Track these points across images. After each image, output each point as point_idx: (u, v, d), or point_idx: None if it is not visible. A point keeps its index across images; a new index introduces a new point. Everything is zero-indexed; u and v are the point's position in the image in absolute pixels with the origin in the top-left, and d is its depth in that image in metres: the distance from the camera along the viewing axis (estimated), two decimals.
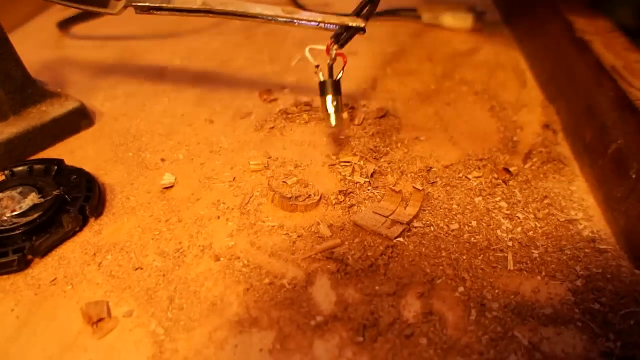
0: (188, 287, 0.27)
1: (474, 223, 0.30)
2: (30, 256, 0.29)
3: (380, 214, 0.31)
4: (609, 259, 0.28)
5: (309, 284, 0.27)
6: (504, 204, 0.32)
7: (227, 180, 0.35)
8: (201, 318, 0.25)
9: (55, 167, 0.34)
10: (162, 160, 0.38)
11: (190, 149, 0.39)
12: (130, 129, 0.42)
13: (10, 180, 0.33)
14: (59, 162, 0.35)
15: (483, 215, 0.31)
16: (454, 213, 0.31)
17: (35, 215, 0.30)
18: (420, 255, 0.28)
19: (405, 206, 0.32)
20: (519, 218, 0.31)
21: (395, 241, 0.29)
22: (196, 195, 0.34)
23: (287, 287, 0.27)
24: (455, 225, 0.30)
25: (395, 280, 0.27)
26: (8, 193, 0.31)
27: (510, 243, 0.29)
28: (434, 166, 0.35)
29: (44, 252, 0.29)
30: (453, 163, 0.36)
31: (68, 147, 0.40)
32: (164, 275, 0.28)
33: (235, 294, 0.27)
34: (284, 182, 0.34)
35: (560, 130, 0.39)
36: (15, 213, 0.30)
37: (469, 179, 0.34)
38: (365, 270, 0.27)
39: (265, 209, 0.32)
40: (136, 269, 0.28)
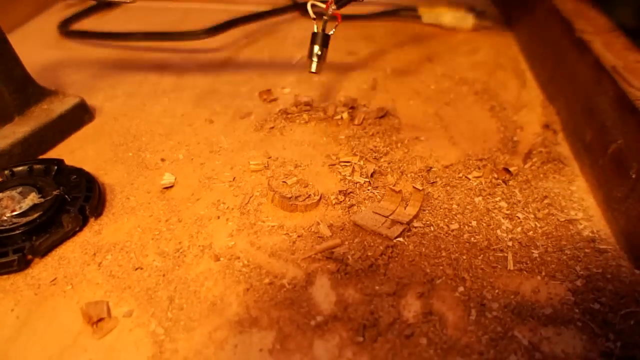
0: (188, 287, 0.27)
1: (474, 223, 0.30)
2: (30, 256, 0.29)
3: (380, 214, 0.31)
4: (609, 259, 0.28)
5: (309, 284, 0.27)
6: (504, 204, 0.32)
7: (227, 180, 0.35)
8: (201, 318, 0.25)
9: (55, 167, 0.34)
10: (162, 160, 0.38)
11: (190, 149, 0.39)
12: (130, 129, 0.42)
13: (10, 180, 0.33)
14: (59, 162, 0.35)
15: (483, 215, 0.31)
16: (454, 213, 0.31)
17: (35, 215, 0.30)
18: (420, 255, 0.28)
19: (405, 206, 0.32)
20: (519, 218, 0.31)
21: (395, 241, 0.29)
22: (196, 195, 0.34)
23: (287, 287, 0.27)
24: (455, 225, 0.30)
25: (395, 280, 0.27)
26: (8, 193, 0.31)
27: (510, 243, 0.29)
28: (434, 166, 0.35)
29: (44, 252, 0.29)
30: (453, 163, 0.36)
31: (68, 147, 0.40)
32: (164, 275, 0.28)
33: (235, 294, 0.27)
34: (284, 182, 0.34)
35: (560, 130, 0.39)
36: (15, 213, 0.30)
37: (469, 179, 0.34)
38: (365, 270, 0.27)
39: (265, 209, 0.32)
40: (136, 269, 0.28)
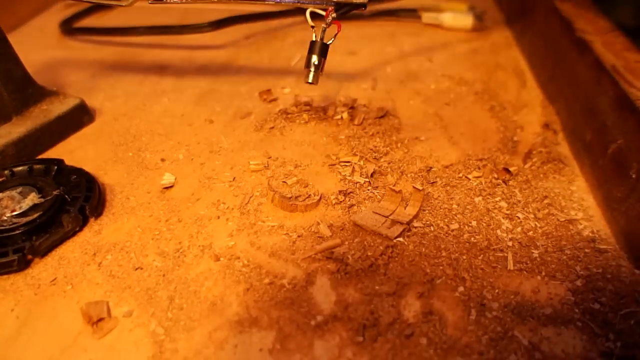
0: (188, 287, 0.27)
1: (474, 223, 0.30)
2: (30, 256, 0.29)
3: (380, 214, 0.31)
4: (609, 259, 0.28)
5: (309, 284, 0.27)
6: (504, 204, 0.32)
7: (227, 180, 0.35)
8: (201, 318, 0.25)
9: (55, 167, 0.34)
10: (162, 160, 0.38)
11: (190, 149, 0.39)
12: (130, 129, 0.42)
13: (10, 180, 0.33)
14: (59, 162, 0.35)
15: (483, 215, 0.31)
16: (454, 213, 0.31)
17: (35, 215, 0.30)
18: (420, 255, 0.28)
19: (405, 206, 0.32)
20: (519, 218, 0.31)
21: (395, 241, 0.29)
22: (196, 195, 0.34)
23: (287, 287, 0.27)
24: (455, 225, 0.30)
25: (395, 280, 0.27)
26: (8, 193, 0.31)
27: (510, 243, 0.29)
28: (434, 166, 0.35)
29: (44, 252, 0.29)
30: (453, 163, 0.36)
31: (68, 147, 0.40)
32: (164, 275, 0.28)
33: (235, 294, 0.27)
34: (284, 182, 0.34)
35: (560, 130, 0.39)
36: (15, 213, 0.30)
37: (469, 179, 0.34)
38: (365, 270, 0.27)
39: (265, 209, 0.32)
40: (136, 269, 0.28)
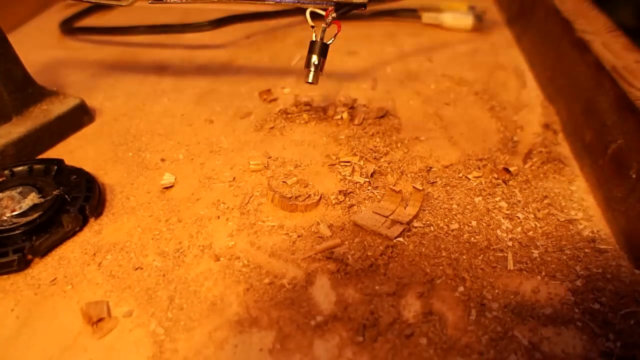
0: (188, 287, 0.27)
1: (474, 223, 0.30)
2: (30, 256, 0.29)
3: (380, 214, 0.31)
4: (609, 259, 0.28)
5: (309, 284, 0.27)
6: (504, 204, 0.32)
7: (227, 180, 0.35)
8: (201, 318, 0.25)
9: (55, 167, 0.34)
10: (162, 160, 0.38)
11: (190, 149, 0.39)
12: (130, 129, 0.42)
13: (10, 180, 0.33)
14: (59, 162, 0.35)
15: (483, 215, 0.31)
16: (454, 213, 0.31)
17: (35, 215, 0.30)
18: (420, 255, 0.28)
19: (405, 206, 0.32)
20: (519, 218, 0.31)
21: (395, 241, 0.29)
22: (196, 195, 0.34)
23: (287, 287, 0.27)
24: (455, 225, 0.30)
25: (395, 280, 0.27)
26: (8, 193, 0.31)
27: (510, 243, 0.29)
28: (434, 166, 0.35)
29: (44, 252, 0.29)
30: (453, 163, 0.36)
31: (68, 147, 0.40)
32: (164, 275, 0.28)
33: (235, 294, 0.27)
34: (284, 182, 0.34)
35: (560, 130, 0.39)
36: (15, 213, 0.30)
37: (469, 179, 0.34)
38: (365, 270, 0.27)
39: (265, 209, 0.32)
40: (136, 269, 0.28)
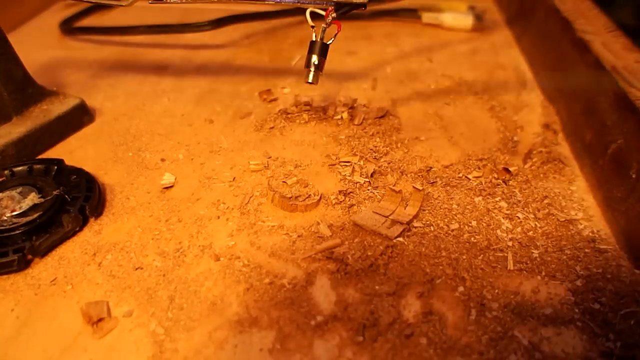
0: (188, 287, 0.27)
1: (474, 223, 0.30)
2: (30, 256, 0.29)
3: (380, 214, 0.31)
4: (609, 259, 0.28)
5: (309, 284, 0.27)
6: (504, 204, 0.32)
7: (227, 180, 0.35)
8: (201, 318, 0.25)
9: (55, 167, 0.34)
10: (162, 160, 0.38)
11: (190, 149, 0.39)
12: (130, 129, 0.42)
13: (10, 180, 0.33)
14: (59, 162, 0.35)
15: (483, 215, 0.31)
16: (454, 213, 0.31)
17: (35, 215, 0.30)
18: (420, 255, 0.28)
19: (405, 206, 0.32)
20: (519, 218, 0.31)
21: (395, 241, 0.29)
22: (196, 195, 0.34)
23: (287, 287, 0.27)
24: (455, 225, 0.30)
25: (395, 280, 0.27)
26: (8, 193, 0.31)
27: (510, 243, 0.29)
28: (434, 166, 0.35)
29: (44, 252, 0.29)
30: (453, 163, 0.36)
31: (68, 147, 0.40)
32: (164, 275, 0.28)
33: (235, 294, 0.27)
34: (284, 182, 0.34)
35: (560, 131, 0.39)
36: (15, 213, 0.30)
37: (469, 179, 0.34)
38: (365, 270, 0.27)
39: (265, 209, 0.32)
40: (136, 269, 0.28)
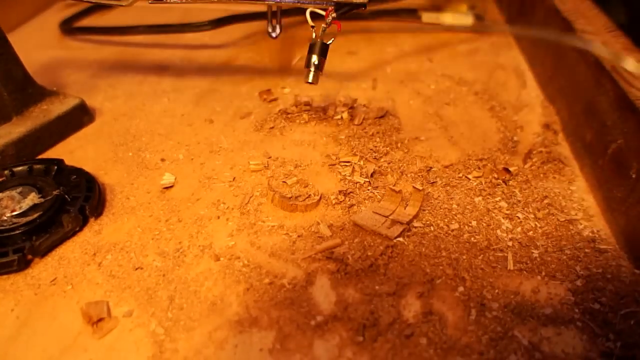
0: (188, 287, 0.27)
1: (474, 223, 0.30)
2: (30, 256, 0.29)
3: (380, 214, 0.31)
4: (609, 259, 0.28)
5: (309, 284, 0.27)
6: (504, 204, 0.32)
7: (227, 180, 0.35)
8: (201, 318, 0.25)
9: (55, 167, 0.34)
10: (162, 160, 0.38)
11: (190, 149, 0.39)
12: (130, 129, 0.42)
13: (10, 180, 0.33)
14: (59, 162, 0.35)
15: (483, 215, 0.31)
16: (454, 213, 0.31)
17: (35, 215, 0.30)
18: (420, 255, 0.28)
19: (405, 206, 0.32)
20: (519, 218, 0.31)
21: (395, 241, 0.29)
22: (196, 195, 0.34)
23: (287, 287, 0.27)
24: (455, 225, 0.30)
25: (395, 280, 0.27)
26: (8, 193, 0.31)
27: (510, 243, 0.29)
28: (434, 166, 0.35)
29: (44, 252, 0.29)
30: (453, 163, 0.36)
31: (68, 147, 0.40)
32: (164, 275, 0.28)
33: (235, 294, 0.27)
34: (284, 182, 0.34)
35: (560, 131, 0.39)
36: (15, 213, 0.30)
37: (469, 179, 0.34)
38: (365, 270, 0.27)
39: (265, 209, 0.32)
40: (136, 269, 0.28)
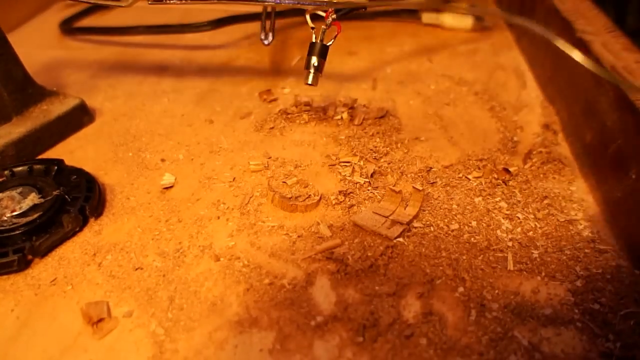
0: (188, 287, 0.27)
1: (474, 223, 0.30)
2: (30, 256, 0.29)
3: (380, 214, 0.31)
4: (609, 259, 0.28)
5: (309, 284, 0.27)
6: (504, 204, 0.32)
7: (227, 180, 0.35)
8: (201, 318, 0.25)
9: (55, 167, 0.34)
10: (162, 160, 0.38)
11: (190, 149, 0.39)
12: (130, 129, 0.42)
13: (10, 181, 0.33)
14: (59, 162, 0.35)
15: (483, 216, 0.31)
16: (454, 213, 0.31)
17: (35, 216, 0.30)
18: (420, 256, 0.28)
19: (405, 206, 0.32)
20: (519, 218, 0.31)
21: (395, 241, 0.29)
22: (196, 195, 0.34)
23: (287, 288, 0.27)
24: (455, 226, 0.30)
25: (395, 281, 0.27)
26: (8, 193, 0.31)
27: (510, 243, 0.29)
28: (434, 166, 0.35)
29: (44, 252, 0.29)
30: (453, 163, 0.36)
31: (68, 147, 0.40)
32: (164, 276, 0.28)
33: (235, 294, 0.27)
34: (284, 183, 0.34)
35: (560, 131, 0.39)
36: (15, 213, 0.30)
37: (468, 179, 0.34)
38: (365, 271, 0.27)
39: (265, 209, 0.32)
40: (136, 269, 0.28)
